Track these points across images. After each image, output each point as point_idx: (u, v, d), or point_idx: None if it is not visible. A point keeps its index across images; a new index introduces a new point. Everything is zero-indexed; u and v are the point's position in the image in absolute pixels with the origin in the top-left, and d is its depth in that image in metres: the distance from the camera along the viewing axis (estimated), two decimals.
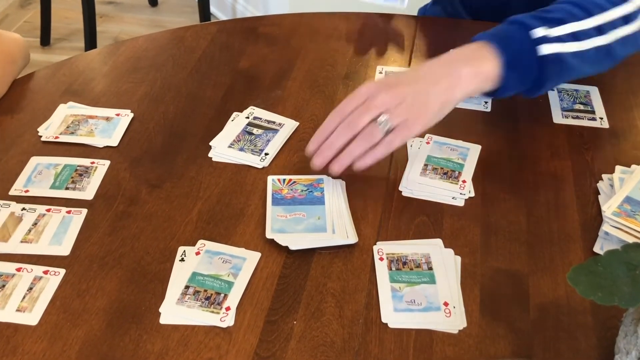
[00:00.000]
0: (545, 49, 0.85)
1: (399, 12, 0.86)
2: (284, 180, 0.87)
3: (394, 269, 0.76)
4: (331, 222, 0.80)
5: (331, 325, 0.70)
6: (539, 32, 0.86)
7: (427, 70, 0.85)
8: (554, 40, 0.86)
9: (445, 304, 0.72)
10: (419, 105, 0.81)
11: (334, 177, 0.85)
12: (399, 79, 0.84)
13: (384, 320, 0.70)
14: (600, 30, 0.89)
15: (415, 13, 1.43)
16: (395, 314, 0.71)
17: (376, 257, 0.77)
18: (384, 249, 0.78)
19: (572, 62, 0.87)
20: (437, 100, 0.82)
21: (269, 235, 0.79)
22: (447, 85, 0.83)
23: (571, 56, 0.87)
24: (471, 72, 0.83)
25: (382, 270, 0.75)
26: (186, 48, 1.14)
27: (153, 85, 1.05)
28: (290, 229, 0.80)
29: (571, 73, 0.90)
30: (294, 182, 0.86)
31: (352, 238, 0.79)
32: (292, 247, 0.78)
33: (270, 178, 0.87)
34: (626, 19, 0.91)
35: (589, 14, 0.89)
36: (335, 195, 0.84)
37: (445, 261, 0.76)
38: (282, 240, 0.78)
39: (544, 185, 0.87)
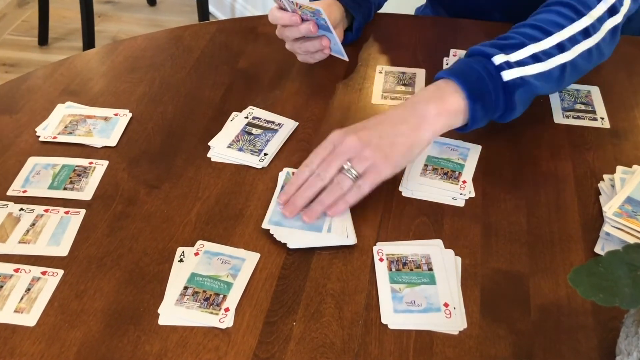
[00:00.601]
0: (507, 75, 0.85)
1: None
2: None
3: (393, 269, 0.75)
4: (328, 224, 0.80)
5: (331, 326, 0.70)
6: (499, 59, 0.85)
7: (393, 113, 0.84)
8: (515, 65, 0.86)
9: (446, 305, 0.72)
10: (385, 148, 0.80)
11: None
12: (365, 124, 0.83)
13: (383, 321, 0.70)
14: (561, 47, 0.89)
15: (412, 12, 1.43)
16: (395, 315, 0.71)
17: (376, 257, 0.77)
18: (383, 249, 0.77)
19: (537, 83, 0.87)
20: (404, 142, 0.81)
21: (265, 225, 0.79)
22: (413, 125, 0.82)
23: (534, 78, 0.87)
24: (436, 110, 0.83)
25: (382, 271, 0.75)
26: (185, 48, 1.14)
27: (151, 85, 1.04)
28: (288, 224, 0.80)
29: (538, 93, 0.90)
30: None
31: (351, 239, 0.78)
32: (291, 246, 0.77)
33: (285, 170, 0.87)
34: (585, 33, 0.91)
35: (548, 33, 0.89)
36: None
37: (445, 262, 0.76)
38: (280, 236, 0.78)
39: (545, 186, 0.87)
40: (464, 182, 0.86)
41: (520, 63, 0.86)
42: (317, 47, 1.03)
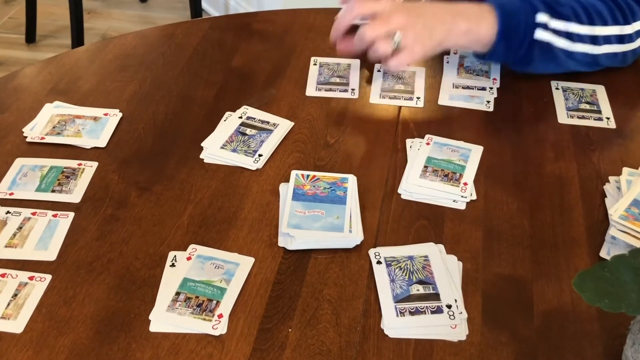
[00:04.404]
0: (539, 34, 0.95)
1: None
2: (308, 175, 0.86)
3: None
4: (349, 223, 0.79)
5: (327, 333, 0.69)
6: (542, 17, 0.95)
7: (435, 10, 0.96)
8: (550, 30, 0.96)
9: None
10: (426, 35, 0.95)
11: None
12: (411, 8, 0.96)
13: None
14: (594, 40, 0.98)
15: None
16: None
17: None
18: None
19: (559, 55, 0.98)
20: (438, 37, 0.95)
21: (283, 229, 0.78)
22: (447, 29, 0.95)
23: (559, 50, 0.97)
24: (468, 28, 0.95)
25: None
26: (177, 45, 1.13)
27: (142, 84, 1.03)
28: (307, 226, 0.78)
29: (555, 63, 1.00)
30: (318, 178, 0.85)
31: (361, 236, 0.78)
32: (290, 247, 0.77)
33: (293, 172, 0.86)
34: (621, 39, 0.99)
35: (591, 22, 0.97)
36: (354, 196, 0.83)
37: (446, 267, 0.75)
38: (301, 236, 0.77)
39: (549, 188, 0.86)
40: (465, 184, 0.85)
41: (556, 32, 0.96)
42: None
